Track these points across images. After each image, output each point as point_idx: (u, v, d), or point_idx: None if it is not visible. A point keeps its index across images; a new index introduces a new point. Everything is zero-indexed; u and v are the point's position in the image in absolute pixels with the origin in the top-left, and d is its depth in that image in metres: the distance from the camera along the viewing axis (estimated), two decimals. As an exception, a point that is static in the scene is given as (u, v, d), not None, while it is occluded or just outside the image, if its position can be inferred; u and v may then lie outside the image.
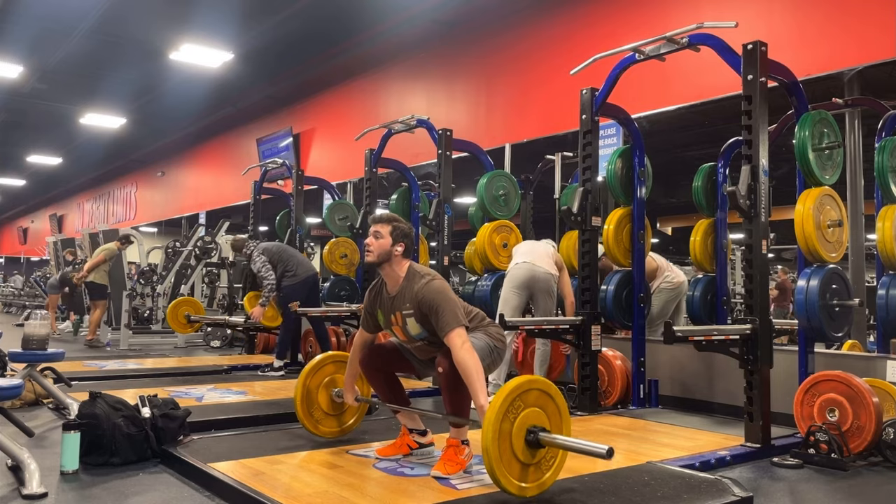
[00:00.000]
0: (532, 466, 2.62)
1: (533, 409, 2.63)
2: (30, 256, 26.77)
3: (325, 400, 3.60)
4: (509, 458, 2.55)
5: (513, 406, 2.57)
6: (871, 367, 4.03)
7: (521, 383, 2.63)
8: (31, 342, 4.24)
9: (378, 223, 3.18)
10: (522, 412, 2.59)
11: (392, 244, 3.12)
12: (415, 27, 8.64)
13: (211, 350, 9.27)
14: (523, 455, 2.58)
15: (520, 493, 2.57)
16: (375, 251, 3.13)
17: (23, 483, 2.79)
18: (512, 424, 2.56)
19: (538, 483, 2.63)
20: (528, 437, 2.58)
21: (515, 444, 2.56)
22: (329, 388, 3.60)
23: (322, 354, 3.71)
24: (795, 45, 5.33)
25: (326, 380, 3.61)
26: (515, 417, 2.57)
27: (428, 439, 3.32)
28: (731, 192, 3.72)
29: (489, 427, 2.49)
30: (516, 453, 2.56)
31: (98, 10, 8.66)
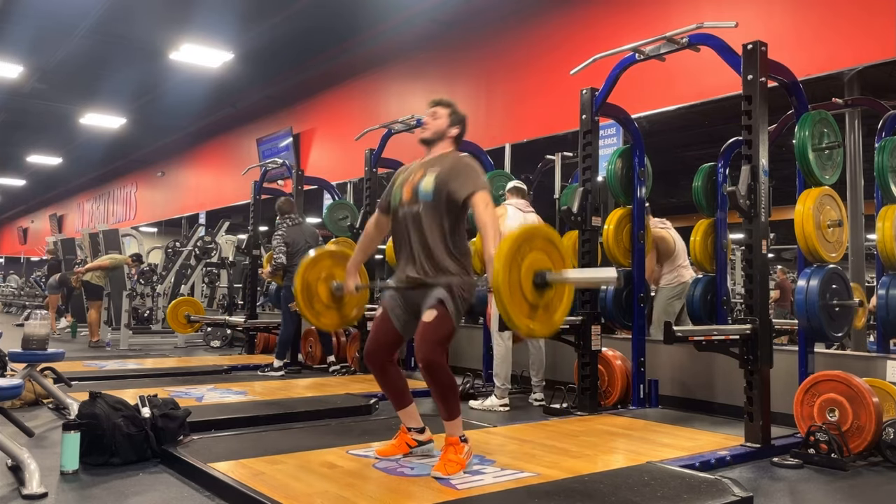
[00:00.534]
0: (540, 308, 2.72)
1: (538, 254, 2.73)
2: (30, 256, 26.76)
3: (325, 293, 3.60)
4: (519, 299, 2.65)
5: (520, 250, 2.67)
6: (871, 367, 4.04)
7: (527, 230, 2.78)
8: (31, 342, 4.24)
9: (438, 105, 3.23)
10: (529, 256, 2.70)
11: (448, 125, 3.18)
12: (415, 27, 8.64)
13: (211, 350, 9.28)
14: (532, 296, 2.68)
15: (528, 333, 2.72)
16: (431, 128, 3.18)
17: (23, 483, 2.79)
18: (520, 267, 2.66)
19: (547, 323, 2.76)
20: (535, 279, 2.69)
21: (524, 286, 2.66)
22: (328, 282, 3.60)
23: (320, 249, 3.74)
24: (795, 45, 5.33)
25: (324, 274, 3.61)
26: (522, 260, 2.67)
27: (426, 437, 3.31)
28: (731, 192, 3.72)
29: (500, 268, 2.58)
30: (525, 294, 2.66)
31: (98, 10, 8.66)
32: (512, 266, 2.62)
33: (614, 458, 3.42)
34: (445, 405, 2.99)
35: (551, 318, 2.78)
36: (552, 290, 2.74)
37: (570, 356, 4.86)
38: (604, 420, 4.35)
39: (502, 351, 4.94)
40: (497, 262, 2.60)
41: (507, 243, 2.64)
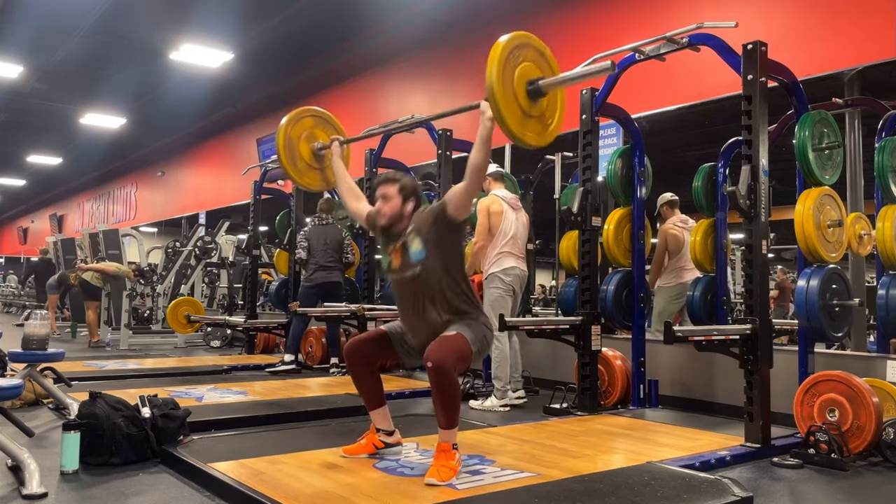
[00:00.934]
0: (534, 117, 2.75)
1: (529, 65, 2.75)
2: (30, 256, 26.75)
3: (307, 152, 3.61)
4: (514, 105, 2.67)
5: (512, 55, 2.68)
6: (871, 367, 4.04)
7: (516, 35, 2.77)
8: (31, 342, 4.24)
9: (384, 184, 3.13)
10: (521, 64, 2.71)
11: (402, 203, 3.11)
12: (415, 27, 8.64)
13: (211, 350, 9.28)
14: (525, 103, 2.71)
15: (523, 141, 2.74)
16: (388, 214, 3.10)
17: (23, 483, 2.79)
18: (513, 75, 2.67)
19: (542, 134, 2.79)
20: (528, 86, 2.71)
21: (518, 93, 2.68)
22: (310, 141, 3.60)
23: (301, 108, 3.74)
24: (795, 45, 5.33)
25: (306, 133, 3.62)
26: (515, 68, 2.68)
27: (394, 439, 3.31)
28: (731, 192, 3.72)
29: (494, 70, 2.59)
30: (519, 101, 2.69)
31: (98, 10, 8.66)
32: (505, 69, 2.62)
33: (614, 458, 3.42)
34: (445, 412, 2.92)
35: (546, 129, 2.80)
36: (545, 99, 2.75)
37: (570, 356, 4.85)
38: (604, 420, 4.35)
39: (502, 352, 4.93)
40: (490, 65, 2.59)
41: (500, 47, 2.64)
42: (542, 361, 6.00)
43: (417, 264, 3.03)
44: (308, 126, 3.63)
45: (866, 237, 4.58)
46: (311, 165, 3.64)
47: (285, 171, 3.67)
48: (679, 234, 5.80)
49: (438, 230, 3.02)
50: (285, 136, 3.56)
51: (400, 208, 3.10)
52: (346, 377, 6.29)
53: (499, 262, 4.92)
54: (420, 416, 4.37)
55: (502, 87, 2.62)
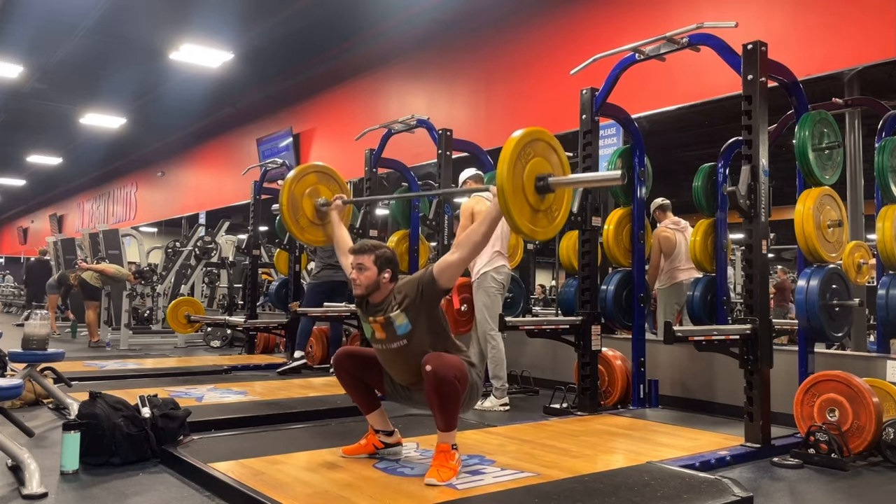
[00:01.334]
0: (542, 212, 2.82)
1: (539, 160, 2.82)
2: (30, 256, 26.75)
3: (310, 208, 3.64)
4: (522, 202, 2.75)
5: (524, 152, 2.74)
6: (871, 367, 4.04)
7: (529, 132, 2.84)
8: (31, 342, 4.24)
9: (359, 254, 3.06)
10: (532, 160, 2.78)
11: (378, 273, 3.05)
12: (415, 27, 8.63)
13: (211, 350, 9.28)
14: (534, 199, 2.78)
15: (532, 235, 2.83)
16: (363, 284, 3.05)
17: (23, 483, 2.79)
18: (524, 170, 2.74)
19: (548, 228, 2.88)
20: (537, 182, 2.78)
21: (527, 189, 2.76)
22: (313, 198, 3.62)
23: (304, 164, 3.80)
24: (795, 45, 5.33)
25: (309, 189, 3.65)
26: (525, 164, 2.75)
27: (394, 439, 3.31)
28: (731, 192, 3.72)
29: (505, 168, 2.66)
30: (528, 197, 2.76)
31: (98, 10, 8.66)
32: (516, 167, 2.69)
33: (614, 458, 3.42)
34: (444, 416, 2.90)
35: (552, 223, 2.89)
36: (553, 194, 2.82)
37: (570, 356, 4.85)
38: (604, 420, 4.35)
39: (499, 352, 4.93)
40: (502, 163, 2.66)
41: (512, 145, 2.71)
42: (542, 361, 6.00)
43: (403, 337, 3.02)
44: (311, 182, 3.69)
45: (864, 266, 4.61)
46: (314, 222, 3.70)
47: (288, 228, 3.73)
48: (671, 235, 5.89)
49: (424, 300, 3.00)
50: (289, 194, 3.59)
51: (376, 278, 3.04)
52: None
53: (492, 262, 4.93)
54: (420, 417, 4.37)
55: (512, 190, 2.71)
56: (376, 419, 3.28)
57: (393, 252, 3.13)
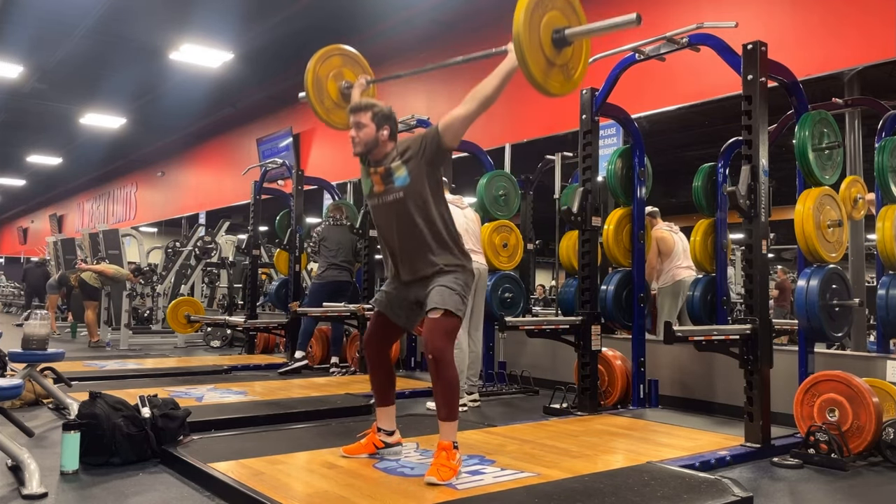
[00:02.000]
0: (559, 67, 2.77)
1: (556, 13, 2.76)
2: (30, 256, 26.77)
3: (335, 90, 3.59)
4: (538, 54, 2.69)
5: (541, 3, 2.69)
6: (871, 367, 4.04)
7: None
8: (31, 342, 4.24)
9: (357, 112, 3.04)
10: (549, 12, 2.72)
11: (377, 130, 3.03)
12: (415, 27, 8.63)
13: (211, 350, 9.28)
14: (550, 52, 2.73)
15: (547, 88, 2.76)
16: (362, 141, 3.03)
17: (23, 483, 2.79)
18: (540, 21, 2.69)
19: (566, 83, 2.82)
20: (554, 35, 2.72)
21: (544, 42, 2.70)
22: (338, 80, 3.57)
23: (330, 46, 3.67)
24: (795, 45, 5.33)
25: (334, 72, 3.59)
26: (543, 15, 2.70)
27: (395, 439, 3.31)
28: (731, 192, 3.72)
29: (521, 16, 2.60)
30: (545, 50, 2.71)
31: (98, 10, 8.66)
32: (533, 17, 2.63)
33: (614, 458, 3.42)
34: (446, 404, 2.96)
35: (569, 80, 2.84)
36: (570, 49, 2.77)
37: (570, 356, 4.85)
38: (604, 420, 4.35)
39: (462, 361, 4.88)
40: (518, 12, 2.59)
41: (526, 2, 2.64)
42: (542, 361, 6.00)
43: (400, 189, 2.99)
44: (336, 65, 3.59)
45: (861, 201, 4.60)
46: (338, 104, 3.61)
47: (313, 108, 3.58)
48: (668, 236, 5.95)
49: (426, 155, 2.97)
50: (314, 75, 3.53)
51: (374, 135, 3.03)
52: (345, 377, 6.30)
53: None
54: (420, 416, 4.37)
55: (528, 34, 2.64)
56: (385, 416, 3.28)
57: (391, 109, 3.09)
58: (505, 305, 5.66)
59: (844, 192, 4.51)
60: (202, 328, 9.15)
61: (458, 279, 3.02)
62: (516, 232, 5.93)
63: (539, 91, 2.76)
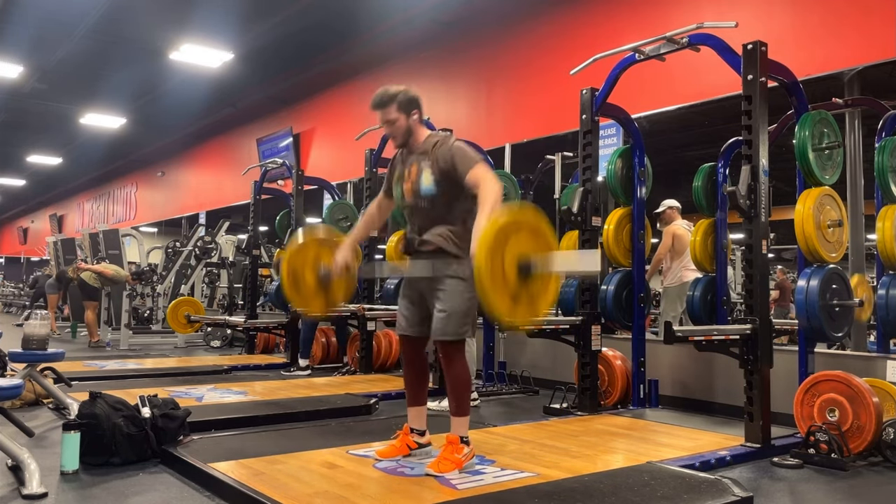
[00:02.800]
0: (526, 296, 2.65)
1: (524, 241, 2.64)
2: (30, 256, 26.78)
3: (312, 278, 3.58)
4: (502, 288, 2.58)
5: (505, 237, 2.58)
6: (871, 367, 4.04)
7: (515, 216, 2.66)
8: (31, 342, 4.24)
9: (381, 108, 3.02)
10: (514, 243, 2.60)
11: (408, 118, 3.03)
12: (415, 27, 8.64)
13: (211, 350, 9.28)
14: (515, 286, 2.61)
15: (513, 320, 2.64)
16: (399, 135, 3.04)
17: (23, 483, 2.79)
18: (504, 255, 2.57)
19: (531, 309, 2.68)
20: (520, 267, 2.60)
21: (508, 274, 2.58)
22: (315, 268, 3.58)
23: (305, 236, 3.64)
24: (795, 45, 5.33)
25: (311, 260, 3.59)
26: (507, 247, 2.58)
27: (426, 439, 3.31)
28: (731, 192, 3.72)
29: (482, 256, 2.51)
30: (509, 283, 2.59)
31: (98, 10, 8.66)
32: (495, 254, 2.54)
33: (614, 458, 3.42)
34: (455, 398, 3.03)
35: (534, 309, 2.70)
36: (537, 280, 2.67)
37: (570, 356, 4.85)
38: (604, 420, 4.35)
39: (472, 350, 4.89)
40: (479, 251, 2.51)
41: (492, 230, 2.56)
42: (542, 361, 6.00)
43: (426, 199, 3.03)
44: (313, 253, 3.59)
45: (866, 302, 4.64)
46: (317, 291, 3.61)
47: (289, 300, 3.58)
48: (685, 234, 5.95)
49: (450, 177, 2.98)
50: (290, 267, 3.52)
51: (407, 123, 3.03)
52: (345, 377, 6.29)
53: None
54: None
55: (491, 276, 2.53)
56: (416, 415, 3.27)
57: (410, 90, 3.05)
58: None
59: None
60: (202, 328, 9.14)
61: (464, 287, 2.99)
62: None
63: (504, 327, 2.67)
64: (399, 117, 3.03)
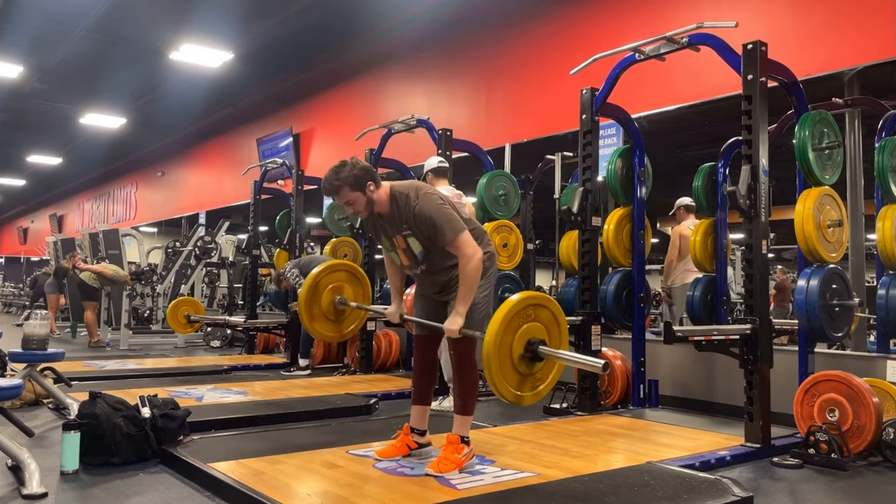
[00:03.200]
0: (529, 377, 2.71)
1: (534, 324, 2.70)
2: (30, 256, 26.78)
3: (328, 301, 3.60)
4: (509, 368, 2.63)
5: (516, 319, 2.64)
6: (871, 367, 4.04)
7: (525, 298, 2.72)
8: (31, 342, 4.24)
9: (335, 194, 3.01)
10: (524, 325, 2.67)
11: (364, 195, 2.99)
12: (415, 27, 8.64)
13: (211, 350, 9.28)
14: (522, 366, 2.67)
15: (516, 402, 2.68)
16: (363, 210, 3.03)
17: (23, 483, 2.79)
18: (513, 337, 2.64)
19: (534, 392, 2.74)
20: (527, 349, 2.67)
21: (515, 357, 2.65)
22: (335, 293, 3.58)
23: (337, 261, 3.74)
24: (795, 45, 5.33)
25: (334, 284, 3.60)
26: (517, 330, 2.65)
27: (426, 439, 3.32)
28: (731, 192, 3.72)
29: (491, 338, 2.56)
30: (516, 365, 2.65)
31: (98, 10, 8.66)
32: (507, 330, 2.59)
33: (614, 458, 3.42)
34: (461, 395, 3.07)
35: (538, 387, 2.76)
36: (542, 363, 2.71)
37: (570, 356, 4.85)
38: (604, 420, 4.35)
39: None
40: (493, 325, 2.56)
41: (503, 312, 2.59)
42: (542, 361, 6.00)
43: (423, 262, 3.10)
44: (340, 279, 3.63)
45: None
46: (327, 316, 3.65)
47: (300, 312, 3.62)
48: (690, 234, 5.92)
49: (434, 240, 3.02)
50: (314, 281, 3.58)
51: (366, 199, 3.00)
52: (345, 377, 6.29)
53: None
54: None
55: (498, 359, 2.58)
56: (419, 414, 3.29)
57: (355, 162, 2.99)
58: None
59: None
60: (202, 328, 9.14)
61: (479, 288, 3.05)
62: (516, 232, 5.93)
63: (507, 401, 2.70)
64: (356, 196, 2.99)
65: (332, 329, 3.70)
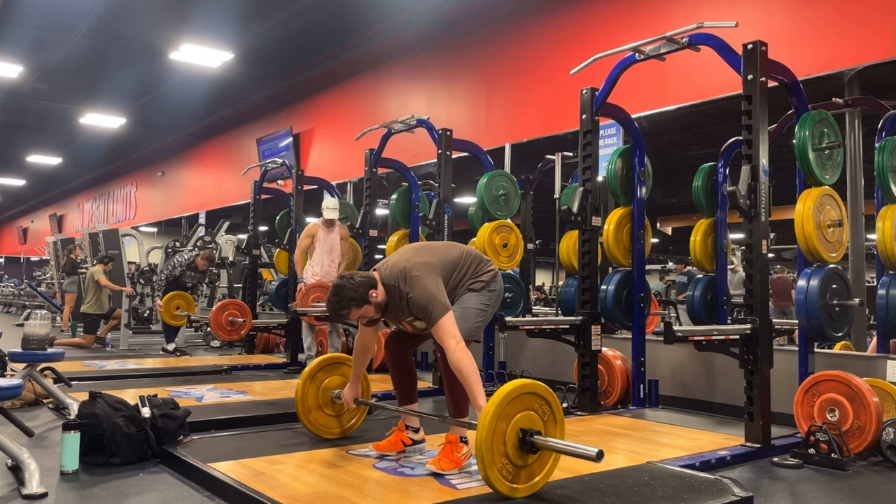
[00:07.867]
0: (524, 469, 2.64)
1: (527, 413, 2.64)
2: (30, 256, 26.78)
3: (326, 401, 3.62)
4: (502, 460, 2.57)
5: (508, 409, 2.58)
6: (871, 367, 4.04)
7: (518, 387, 2.64)
8: (31, 342, 4.24)
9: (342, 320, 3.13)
10: (517, 415, 2.60)
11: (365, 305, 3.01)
12: (415, 27, 8.63)
13: (211, 350, 9.28)
14: (516, 457, 2.60)
15: (511, 494, 2.59)
16: (377, 313, 3.10)
17: (23, 483, 2.79)
18: (507, 427, 2.57)
19: (530, 485, 2.65)
20: (521, 440, 2.59)
21: (509, 447, 2.58)
22: (329, 391, 3.62)
23: (320, 358, 3.71)
24: (795, 45, 5.33)
25: (325, 382, 3.63)
26: (511, 420, 2.58)
27: (420, 436, 3.35)
28: (731, 192, 3.72)
29: (483, 430, 2.51)
30: (510, 456, 2.58)
31: (98, 10, 8.66)
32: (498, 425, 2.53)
33: (614, 458, 3.41)
34: (454, 401, 3.06)
35: (533, 479, 2.66)
36: (536, 455, 2.64)
37: (570, 356, 4.85)
38: (604, 420, 4.35)
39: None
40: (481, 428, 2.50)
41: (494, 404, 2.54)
42: (542, 361, 6.00)
43: (425, 329, 3.14)
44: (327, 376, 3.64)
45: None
46: (328, 414, 3.64)
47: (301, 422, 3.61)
48: None
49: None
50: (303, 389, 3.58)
51: (373, 308, 3.04)
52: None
53: None
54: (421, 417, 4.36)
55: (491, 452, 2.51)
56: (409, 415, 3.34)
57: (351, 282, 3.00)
58: (505, 305, 5.66)
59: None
60: (202, 328, 9.14)
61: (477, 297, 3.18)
62: (516, 232, 5.93)
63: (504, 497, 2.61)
64: (364, 310, 3.03)
65: (337, 425, 3.68)
